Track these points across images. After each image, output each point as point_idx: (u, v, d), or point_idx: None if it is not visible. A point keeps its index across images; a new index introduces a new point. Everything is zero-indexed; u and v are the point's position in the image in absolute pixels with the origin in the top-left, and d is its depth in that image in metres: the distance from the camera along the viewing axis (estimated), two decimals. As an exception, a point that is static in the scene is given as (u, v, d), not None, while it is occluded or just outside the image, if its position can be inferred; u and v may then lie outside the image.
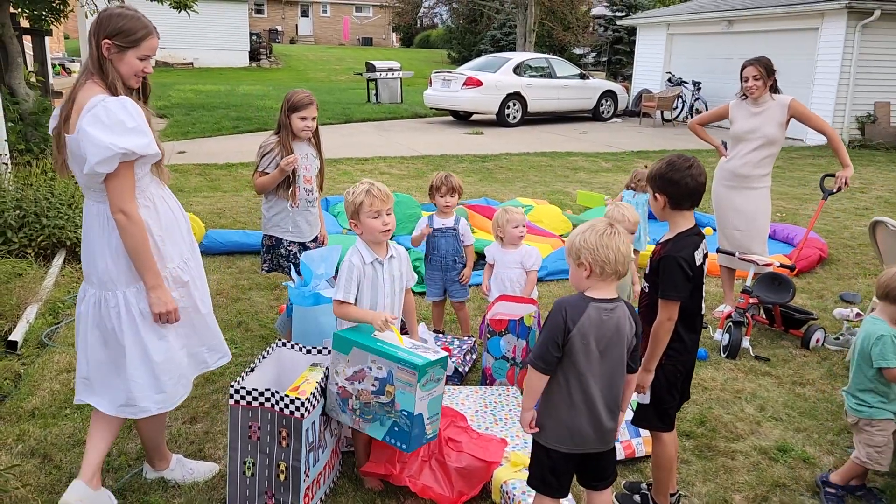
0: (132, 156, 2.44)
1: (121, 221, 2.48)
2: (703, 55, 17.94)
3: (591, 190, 9.28)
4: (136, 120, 2.44)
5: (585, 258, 2.27)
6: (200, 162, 10.39)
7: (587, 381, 2.29)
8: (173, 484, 3.00)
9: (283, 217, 4.13)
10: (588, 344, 2.26)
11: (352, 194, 2.99)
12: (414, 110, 17.87)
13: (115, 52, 2.51)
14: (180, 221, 2.76)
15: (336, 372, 2.82)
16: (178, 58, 29.79)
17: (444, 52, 38.40)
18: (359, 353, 2.75)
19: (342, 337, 2.80)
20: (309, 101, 3.98)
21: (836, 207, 8.83)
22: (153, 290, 2.56)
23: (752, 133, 4.74)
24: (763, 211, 4.89)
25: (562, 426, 2.33)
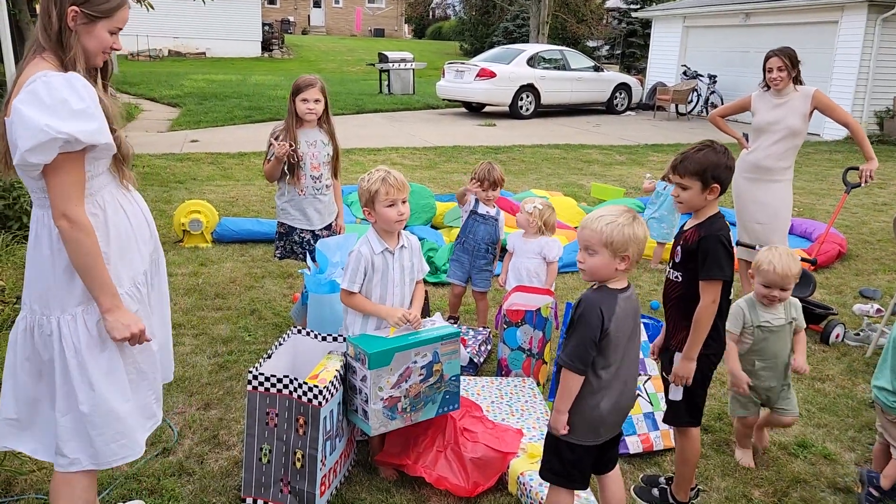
0: (76, 144, 1.95)
1: (64, 229, 1.99)
2: (719, 48, 17.77)
3: (605, 182, 9.21)
4: (84, 101, 1.98)
5: (632, 252, 2.21)
6: (213, 151, 10.38)
7: (622, 370, 2.29)
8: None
9: (292, 205, 4.11)
10: (621, 336, 2.24)
11: (367, 181, 2.93)
12: (426, 101, 17.80)
13: (83, 23, 2.05)
14: (140, 231, 2.28)
15: (380, 388, 2.70)
16: (191, 47, 29.82)
17: (457, 43, 38.26)
18: (402, 356, 2.74)
19: (380, 352, 2.68)
20: (310, 81, 3.93)
21: (855, 203, 8.73)
22: (109, 313, 2.08)
23: (775, 125, 4.67)
24: (785, 204, 4.82)
25: (592, 421, 2.30)
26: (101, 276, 2.06)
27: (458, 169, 9.94)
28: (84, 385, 2.12)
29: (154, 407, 2.35)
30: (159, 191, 7.75)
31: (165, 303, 2.46)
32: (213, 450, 3.17)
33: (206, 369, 3.86)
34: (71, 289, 2.10)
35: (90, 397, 2.13)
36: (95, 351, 2.13)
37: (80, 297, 2.11)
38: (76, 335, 2.11)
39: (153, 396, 2.34)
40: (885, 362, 2.97)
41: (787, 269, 3.07)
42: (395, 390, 2.74)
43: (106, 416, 2.15)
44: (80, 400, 2.12)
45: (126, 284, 2.20)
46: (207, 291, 5.00)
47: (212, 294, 4.96)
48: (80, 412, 2.12)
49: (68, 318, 2.11)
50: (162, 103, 15.71)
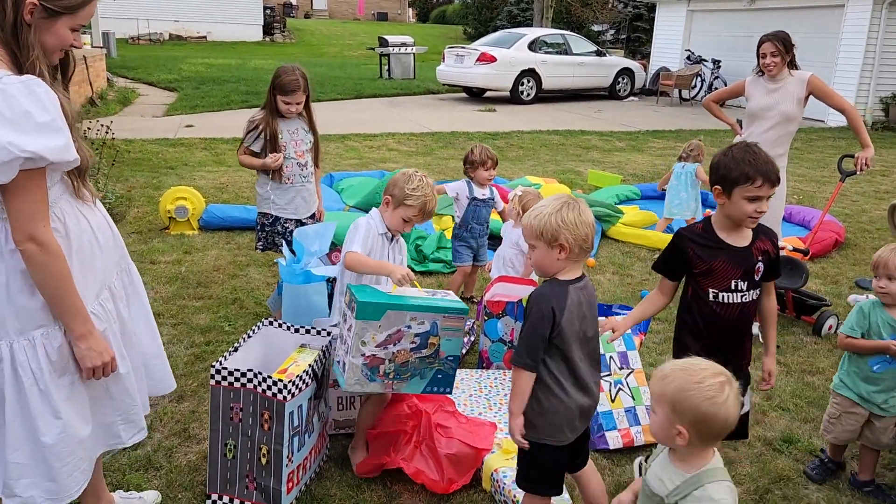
0: (40, 162, 1.74)
1: (32, 253, 1.79)
2: (723, 33, 17.54)
3: (603, 169, 9.09)
4: (49, 112, 1.75)
5: (566, 238, 2.11)
6: (207, 136, 10.28)
7: (576, 365, 2.19)
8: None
9: (278, 194, 4.01)
10: (575, 328, 2.15)
11: (410, 187, 2.81)
12: (427, 86, 17.64)
13: (42, 17, 1.82)
14: (104, 240, 2.09)
15: (363, 342, 2.54)
16: (192, 31, 29.63)
17: (460, 27, 37.95)
18: (394, 315, 2.54)
19: (371, 303, 2.51)
20: (295, 87, 3.79)
21: (855, 191, 8.59)
22: (83, 339, 1.93)
23: (769, 110, 4.55)
24: (778, 193, 4.70)
25: (556, 419, 2.20)
26: (73, 301, 1.90)
27: (454, 155, 9.83)
28: (47, 414, 1.94)
29: (119, 428, 2.17)
30: (149, 176, 7.67)
31: (148, 311, 2.30)
32: (182, 443, 3.11)
33: (181, 360, 3.79)
34: (28, 311, 1.89)
35: (54, 427, 1.95)
36: (56, 376, 1.95)
37: (39, 319, 1.91)
38: (35, 361, 1.91)
39: (119, 418, 2.15)
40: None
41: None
42: (381, 350, 2.57)
43: (71, 444, 1.99)
44: (41, 431, 1.93)
45: (90, 303, 2.00)
46: (190, 279, 4.93)
47: (194, 282, 4.89)
48: (41, 444, 1.94)
49: (24, 344, 1.90)
50: (159, 87, 15.60)
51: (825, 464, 3.08)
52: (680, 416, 1.67)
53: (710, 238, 2.51)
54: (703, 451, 1.74)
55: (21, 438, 1.94)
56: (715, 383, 1.66)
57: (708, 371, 1.69)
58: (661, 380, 1.73)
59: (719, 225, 2.51)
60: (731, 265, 2.48)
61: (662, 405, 1.71)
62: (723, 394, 1.64)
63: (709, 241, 2.50)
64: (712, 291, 2.50)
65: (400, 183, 2.83)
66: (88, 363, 1.96)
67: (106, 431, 2.15)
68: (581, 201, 2.17)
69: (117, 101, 13.10)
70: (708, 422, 1.65)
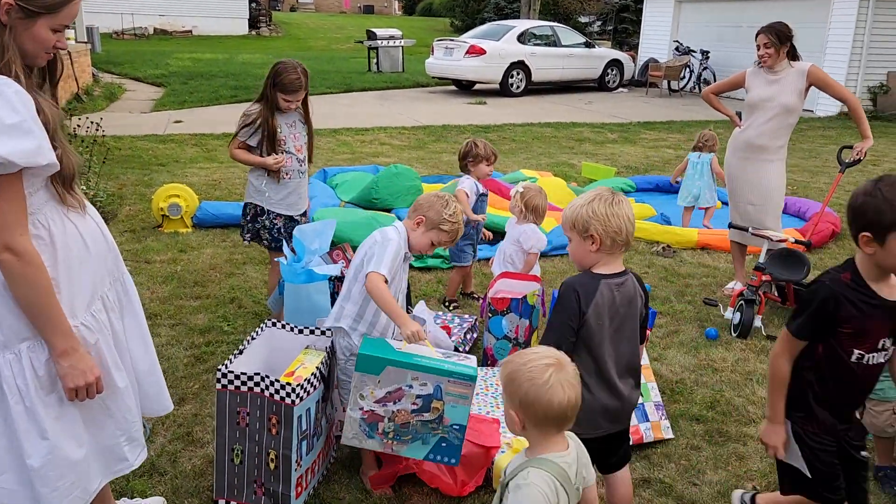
0: (10, 167, 1.64)
1: (8, 263, 1.69)
2: (712, 23, 17.53)
3: (596, 162, 9.06)
4: (18, 113, 1.65)
5: (595, 230, 2.11)
6: (197, 132, 10.16)
7: (603, 361, 2.16)
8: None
9: (272, 188, 3.90)
10: (603, 324, 2.12)
11: (448, 212, 2.74)
12: (416, 79, 17.54)
13: (19, 17, 1.71)
14: (96, 248, 1.96)
15: (361, 396, 2.45)
16: (177, 26, 29.28)
17: (447, 20, 37.74)
18: (395, 372, 2.42)
19: (371, 357, 2.42)
20: (298, 87, 3.71)
21: (848, 181, 8.59)
22: (64, 356, 1.80)
23: (769, 101, 4.53)
24: (778, 185, 4.69)
25: (582, 412, 2.12)
26: (54, 315, 1.78)
27: (446, 149, 9.77)
28: (33, 435, 1.81)
29: (125, 449, 2.04)
30: (140, 174, 7.56)
31: (142, 323, 2.16)
32: (186, 448, 3.05)
33: (181, 362, 3.73)
34: (12, 323, 1.77)
35: (41, 448, 1.82)
36: (43, 393, 1.82)
37: (24, 331, 1.79)
38: (21, 377, 1.79)
39: (123, 438, 2.03)
40: None
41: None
42: (379, 407, 2.47)
43: (61, 468, 1.85)
44: (27, 453, 1.80)
45: (80, 314, 1.89)
46: (186, 279, 4.86)
47: (190, 282, 4.81)
48: (28, 468, 1.81)
49: (10, 358, 1.78)
50: (146, 83, 15.42)
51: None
52: (511, 400, 1.72)
53: (864, 293, 2.09)
54: (542, 439, 1.75)
55: (7, 461, 1.82)
56: (539, 365, 1.69)
57: (538, 354, 1.73)
58: (502, 367, 1.78)
59: (869, 276, 2.09)
60: (884, 323, 2.12)
61: (503, 392, 1.76)
62: (545, 375, 1.67)
63: (864, 297, 2.08)
64: (857, 353, 2.12)
65: (437, 206, 2.74)
66: (70, 383, 1.82)
67: (110, 455, 2.03)
68: (620, 195, 2.16)
69: (104, 96, 12.93)
70: (532, 404, 1.68)
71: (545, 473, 1.71)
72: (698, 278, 5.29)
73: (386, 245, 2.65)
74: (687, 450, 3.18)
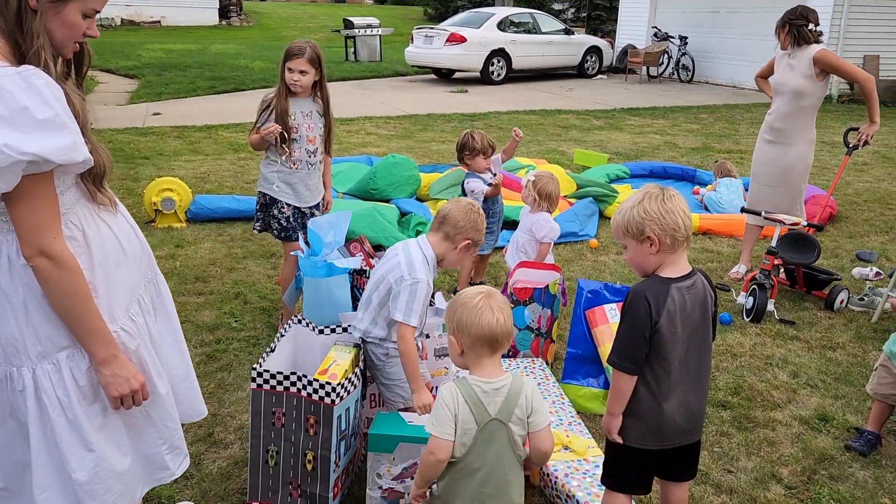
0: (45, 165, 1.53)
1: (43, 268, 1.59)
2: (689, 9, 17.58)
3: (586, 148, 9.03)
4: (51, 107, 1.52)
5: (652, 230, 1.95)
6: (177, 124, 9.93)
7: (674, 369, 2.02)
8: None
9: (280, 177, 3.78)
10: (675, 331, 1.98)
11: (481, 225, 2.71)
12: (395, 68, 17.36)
13: (49, 2, 1.60)
14: (131, 248, 1.86)
15: (378, 475, 2.43)
16: (145, 16, 28.63)
17: (420, 8, 37.47)
18: (407, 448, 2.39)
19: (382, 436, 2.39)
20: (298, 49, 3.62)
21: (835, 164, 8.69)
22: (105, 364, 1.71)
23: (783, 85, 4.58)
24: (795, 169, 4.68)
25: (648, 423, 2.05)
26: (93, 321, 1.67)
27: (434, 138, 9.67)
28: (78, 447, 1.72)
29: (166, 458, 1.95)
30: (125, 167, 7.35)
31: (177, 327, 2.06)
32: (209, 449, 2.95)
33: (194, 361, 3.54)
34: (50, 331, 1.68)
35: (87, 461, 1.72)
36: (86, 403, 1.73)
37: (63, 339, 1.69)
38: (63, 388, 1.69)
39: (165, 447, 1.94)
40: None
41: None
42: (398, 484, 2.41)
43: (108, 480, 1.77)
44: (72, 467, 1.71)
45: (120, 318, 1.79)
46: (186, 275, 4.72)
47: (191, 278, 4.68)
48: (74, 481, 1.72)
49: (49, 368, 1.68)
50: (119, 75, 15.02)
51: (865, 436, 3.08)
52: (449, 326, 2.00)
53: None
54: (477, 363, 1.98)
55: (50, 476, 1.73)
56: (471, 293, 1.99)
57: (475, 289, 2.01)
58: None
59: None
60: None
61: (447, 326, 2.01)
62: (475, 300, 1.95)
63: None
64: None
65: (480, 224, 2.69)
66: (114, 391, 1.73)
67: (150, 464, 1.93)
68: (668, 190, 2.01)
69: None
70: (466, 325, 1.94)
71: (454, 388, 1.94)
72: (703, 263, 5.28)
73: (416, 289, 2.55)
74: (718, 436, 3.15)
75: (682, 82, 16.97)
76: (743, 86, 15.78)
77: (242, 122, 9.92)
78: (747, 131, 10.71)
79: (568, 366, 3.41)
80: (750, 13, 15.52)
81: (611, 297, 3.47)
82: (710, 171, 7.86)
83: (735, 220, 5.89)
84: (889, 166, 8.76)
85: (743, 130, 10.87)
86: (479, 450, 1.94)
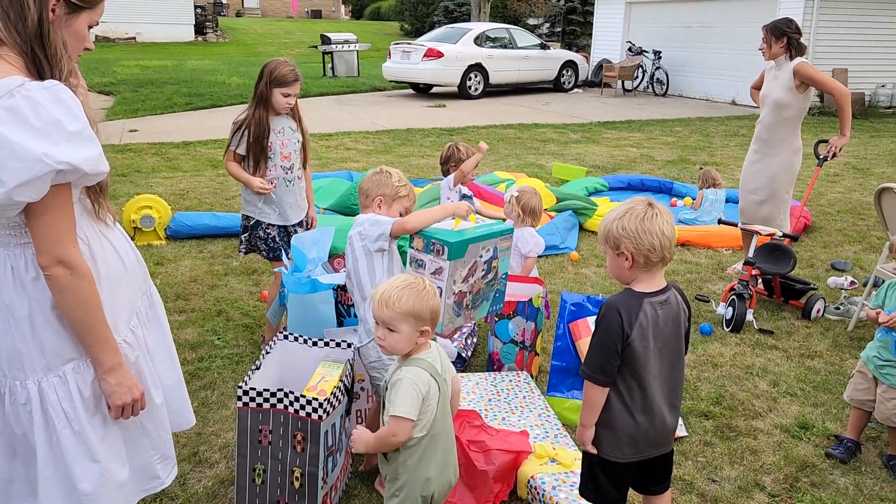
0: (71, 175, 1.58)
1: (61, 278, 1.61)
2: (663, 24, 17.88)
3: (564, 162, 9.12)
4: (79, 120, 1.58)
5: (626, 248, 1.97)
6: (155, 141, 9.87)
7: (647, 383, 2.05)
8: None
9: (260, 198, 3.74)
10: (647, 345, 2.01)
11: (396, 181, 2.83)
12: (372, 83, 17.41)
13: (66, 13, 1.66)
14: (130, 265, 1.90)
15: (454, 281, 2.59)
16: (120, 32, 28.46)
17: (396, 24, 37.68)
18: (472, 249, 2.61)
19: (460, 242, 2.55)
20: (295, 77, 3.62)
21: (808, 174, 8.84)
22: (111, 373, 1.73)
23: (767, 97, 4.76)
24: (777, 178, 4.86)
25: (621, 435, 2.09)
26: (103, 331, 1.71)
27: (413, 153, 9.70)
28: (84, 459, 1.74)
29: (157, 468, 1.97)
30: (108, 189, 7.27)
31: (169, 337, 2.08)
32: (194, 469, 2.93)
33: None
34: (56, 344, 1.70)
35: (92, 472, 1.75)
36: (89, 415, 1.76)
37: (69, 352, 1.72)
38: (69, 400, 1.71)
39: (157, 456, 1.96)
40: None
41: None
42: (464, 285, 2.63)
43: (111, 490, 1.79)
44: (78, 478, 1.73)
45: (122, 331, 1.83)
46: (167, 293, 4.68)
47: (172, 295, 4.64)
48: (80, 492, 1.74)
49: (55, 381, 1.71)
50: (94, 91, 14.89)
51: (844, 443, 3.13)
52: (423, 320, 2.08)
53: None
54: (422, 344, 2.14)
55: (56, 488, 1.74)
56: (427, 284, 2.13)
57: (417, 280, 2.13)
58: (392, 305, 2.05)
59: None
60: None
61: (405, 321, 2.06)
62: (435, 289, 2.14)
63: None
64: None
65: (384, 179, 2.81)
66: (118, 400, 1.76)
67: (143, 473, 1.94)
68: (654, 207, 2.00)
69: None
70: (437, 312, 2.12)
71: (417, 368, 2.09)
72: (682, 275, 5.35)
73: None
74: (701, 446, 3.19)
75: (656, 96, 17.22)
76: (716, 99, 16.05)
77: (220, 137, 9.87)
78: (721, 143, 10.89)
79: (553, 378, 3.44)
80: (723, 28, 15.82)
81: (593, 310, 3.50)
82: (688, 182, 7.98)
83: (713, 232, 5.98)
84: (860, 177, 8.95)
85: (717, 143, 11.05)
86: (439, 415, 2.14)
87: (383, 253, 2.73)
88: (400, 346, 2.10)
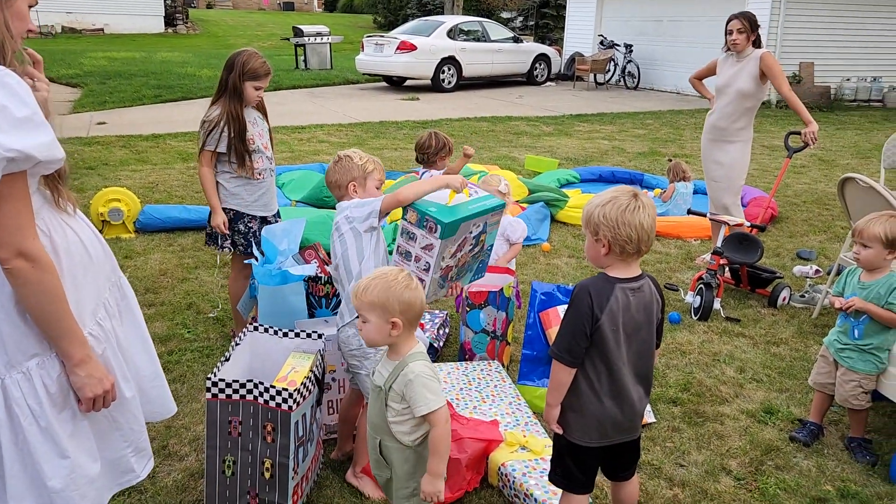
0: (24, 163, 1.52)
1: (22, 270, 1.56)
2: (633, 18, 18.00)
3: (537, 154, 9.16)
4: (28, 105, 1.53)
5: (604, 235, 2.01)
6: (123, 133, 9.72)
7: (616, 368, 2.08)
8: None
9: (246, 190, 3.66)
10: (617, 329, 2.04)
11: (359, 160, 2.77)
12: (345, 76, 17.31)
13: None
14: (95, 256, 1.84)
15: (443, 258, 2.60)
16: (87, 24, 27.95)
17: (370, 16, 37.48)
18: (463, 227, 2.61)
19: (452, 223, 2.51)
20: (266, 70, 3.56)
21: (776, 166, 9.00)
22: (81, 365, 1.69)
23: (728, 87, 4.80)
24: (738, 165, 4.99)
25: (589, 419, 2.12)
26: (69, 323, 1.66)
27: (387, 145, 9.68)
28: (52, 456, 1.69)
29: (132, 461, 1.93)
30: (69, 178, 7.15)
31: (143, 328, 2.04)
32: (164, 462, 2.90)
33: None
34: (18, 339, 1.64)
35: (62, 468, 1.70)
36: (56, 411, 1.71)
37: (32, 347, 1.66)
38: (34, 397, 1.66)
39: (130, 449, 1.92)
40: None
41: None
42: (452, 260, 2.66)
43: (83, 486, 1.75)
44: (47, 475, 1.69)
45: (88, 323, 1.77)
46: (136, 286, 4.56)
47: (141, 289, 4.59)
48: (49, 490, 1.69)
49: (18, 377, 1.65)
50: (60, 83, 14.61)
51: (808, 426, 3.20)
52: (391, 311, 2.04)
53: None
54: (408, 340, 2.12)
55: (25, 487, 1.69)
56: (403, 276, 2.09)
57: (394, 271, 2.11)
58: (360, 295, 2.06)
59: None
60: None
61: (372, 311, 2.05)
62: (413, 282, 2.10)
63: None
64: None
65: (348, 165, 2.76)
66: (89, 392, 1.71)
67: (115, 467, 1.90)
68: (637, 199, 2.02)
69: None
70: (411, 305, 2.06)
71: (420, 361, 2.08)
72: (652, 264, 5.41)
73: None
74: (669, 432, 3.24)
75: (628, 89, 17.35)
76: (686, 92, 16.20)
77: (191, 130, 9.77)
78: (692, 136, 11.00)
79: (524, 367, 3.46)
80: (691, 22, 15.98)
81: (563, 299, 3.53)
82: (658, 175, 8.06)
83: (683, 223, 6.05)
84: (825, 168, 9.12)
85: (687, 135, 11.17)
86: None
87: (372, 233, 2.65)
88: (372, 337, 2.10)
